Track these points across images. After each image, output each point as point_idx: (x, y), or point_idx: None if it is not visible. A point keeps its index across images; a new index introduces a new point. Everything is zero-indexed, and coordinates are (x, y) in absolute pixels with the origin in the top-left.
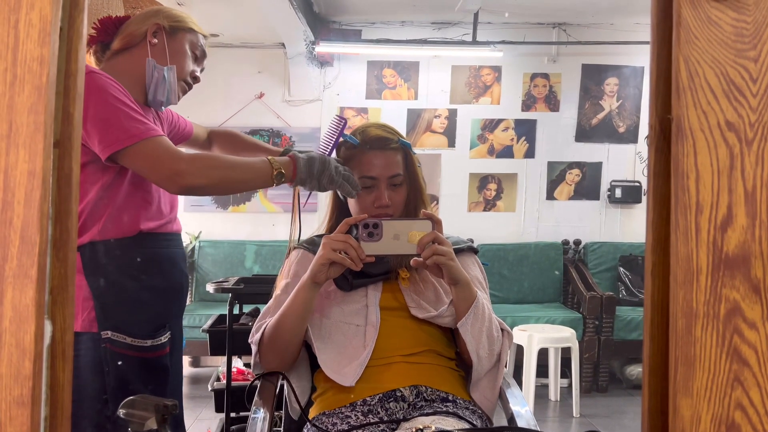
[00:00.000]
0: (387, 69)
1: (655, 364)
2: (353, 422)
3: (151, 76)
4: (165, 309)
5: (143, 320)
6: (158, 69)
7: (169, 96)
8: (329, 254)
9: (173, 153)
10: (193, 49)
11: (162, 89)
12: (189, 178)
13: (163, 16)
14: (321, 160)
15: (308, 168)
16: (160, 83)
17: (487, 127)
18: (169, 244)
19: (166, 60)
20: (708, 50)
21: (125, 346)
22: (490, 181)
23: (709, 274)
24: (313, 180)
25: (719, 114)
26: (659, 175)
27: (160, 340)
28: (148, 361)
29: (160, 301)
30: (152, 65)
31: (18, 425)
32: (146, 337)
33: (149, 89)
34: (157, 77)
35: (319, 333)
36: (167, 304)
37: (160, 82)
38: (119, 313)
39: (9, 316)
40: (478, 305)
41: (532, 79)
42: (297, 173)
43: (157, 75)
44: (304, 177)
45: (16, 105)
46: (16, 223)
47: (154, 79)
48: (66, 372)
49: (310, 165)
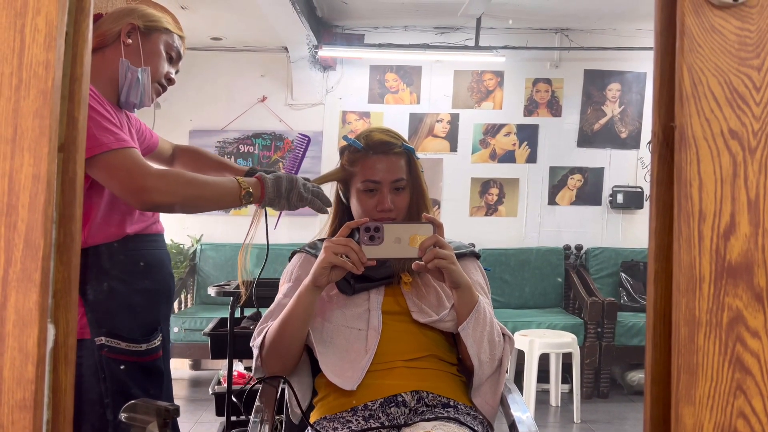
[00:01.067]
0: (389, 73)
1: (658, 372)
2: (354, 427)
3: (124, 77)
4: (156, 312)
5: (136, 324)
6: (132, 70)
7: (142, 98)
8: (330, 258)
9: (142, 167)
10: (169, 50)
11: (135, 91)
12: (156, 194)
13: (137, 15)
14: (288, 178)
15: (276, 188)
16: (134, 85)
17: (489, 132)
18: (155, 246)
19: (141, 61)
20: (711, 58)
21: (121, 352)
22: (492, 186)
23: (712, 283)
24: (282, 199)
25: (722, 122)
26: (662, 183)
27: (154, 343)
28: (144, 366)
29: (151, 304)
30: (126, 66)
31: (20, 429)
32: (141, 341)
33: (122, 91)
34: (130, 78)
35: (320, 337)
36: (158, 307)
37: (134, 83)
38: (112, 319)
39: (12, 320)
40: (479, 309)
41: (534, 84)
42: (265, 193)
43: (131, 76)
44: (272, 197)
45: (21, 109)
46: (20, 227)
47: (128, 81)
48: (68, 375)
49: (278, 184)
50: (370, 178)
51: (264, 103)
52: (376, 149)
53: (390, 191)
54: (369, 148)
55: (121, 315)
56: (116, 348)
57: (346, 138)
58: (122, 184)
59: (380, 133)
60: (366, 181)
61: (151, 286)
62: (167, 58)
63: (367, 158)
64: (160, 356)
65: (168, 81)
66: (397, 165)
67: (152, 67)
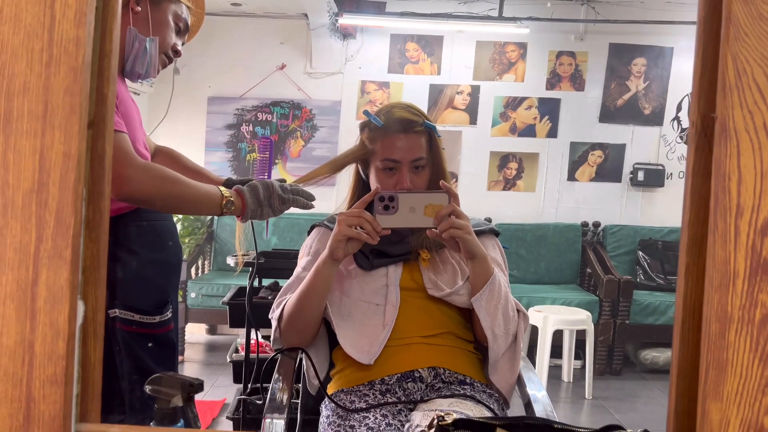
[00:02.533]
0: (410, 43)
1: (685, 367)
2: (371, 401)
3: (131, 46)
4: (167, 283)
5: (148, 296)
6: (140, 39)
7: (148, 69)
8: (345, 230)
9: (127, 155)
10: (177, 21)
11: (142, 61)
12: (135, 185)
13: None
14: (263, 185)
15: (254, 197)
16: (141, 54)
17: (510, 105)
18: (163, 216)
19: (149, 30)
20: (758, 48)
21: (134, 324)
22: (511, 160)
23: (746, 279)
24: (264, 207)
25: (766, 115)
26: (698, 175)
27: (166, 315)
28: (157, 338)
29: (162, 276)
30: (134, 34)
31: (51, 403)
32: (154, 313)
33: (128, 59)
34: (137, 48)
35: (338, 311)
36: (168, 279)
37: (141, 53)
38: (125, 291)
39: (43, 297)
40: (494, 281)
41: (557, 57)
42: (246, 205)
43: (138, 45)
44: (253, 207)
45: (52, 86)
46: (51, 205)
47: (134, 50)
48: (97, 351)
49: (255, 193)
50: (390, 157)
51: (283, 71)
52: (397, 127)
53: (410, 170)
54: (389, 125)
55: (134, 287)
56: (130, 320)
57: (366, 113)
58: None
59: (401, 110)
60: (385, 159)
61: (162, 258)
62: (175, 29)
63: (387, 136)
64: (172, 329)
65: (174, 53)
66: (418, 144)
67: (160, 38)
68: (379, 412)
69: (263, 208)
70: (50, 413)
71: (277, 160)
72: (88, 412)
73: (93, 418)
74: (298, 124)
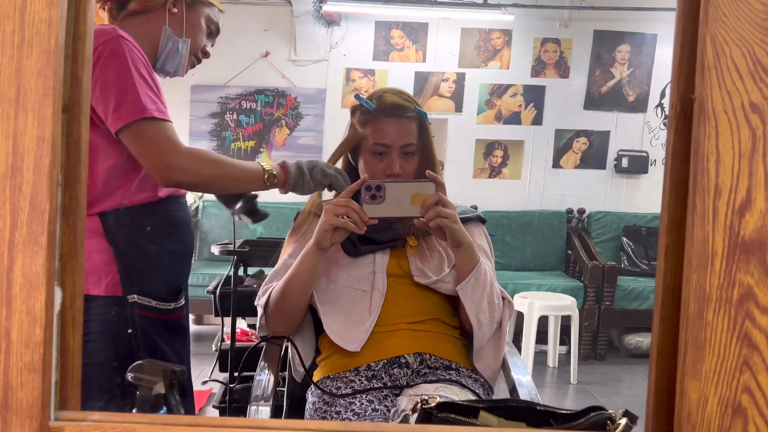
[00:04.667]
0: (395, 30)
1: (664, 346)
2: (357, 387)
3: (164, 45)
4: (182, 272)
5: (165, 283)
6: (173, 39)
7: (177, 68)
8: (331, 220)
9: (175, 143)
10: (209, 24)
11: (173, 60)
12: (180, 174)
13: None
14: (308, 161)
15: (297, 168)
16: (173, 54)
17: (495, 93)
18: (181, 208)
19: (182, 31)
20: (736, 28)
21: (151, 310)
22: (497, 148)
23: (724, 259)
24: (305, 177)
25: (744, 95)
26: (678, 156)
27: (181, 302)
28: (172, 324)
29: (178, 264)
30: (168, 34)
31: (29, 390)
32: (169, 300)
33: (160, 57)
34: (171, 47)
35: (325, 298)
36: (183, 267)
37: (173, 52)
38: (143, 277)
39: (19, 283)
40: (480, 270)
41: (542, 44)
42: (288, 176)
43: (172, 45)
44: (296, 176)
45: (24, 69)
46: (25, 190)
47: (167, 49)
48: (76, 338)
49: (299, 165)
50: (380, 141)
51: (267, 58)
52: (388, 112)
53: (399, 156)
54: (381, 110)
55: (152, 274)
56: (147, 306)
57: (358, 97)
58: (151, 156)
59: (393, 95)
60: (375, 144)
61: (179, 247)
62: (207, 31)
63: (378, 121)
64: (185, 315)
65: (204, 54)
66: (409, 129)
67: (192, 40)
68: (365, 397)
69: (305, 178)
70: (28, 401)
71: (262, 149)
72: (67, 399)
73: (73, 405)
74: (282, 113)
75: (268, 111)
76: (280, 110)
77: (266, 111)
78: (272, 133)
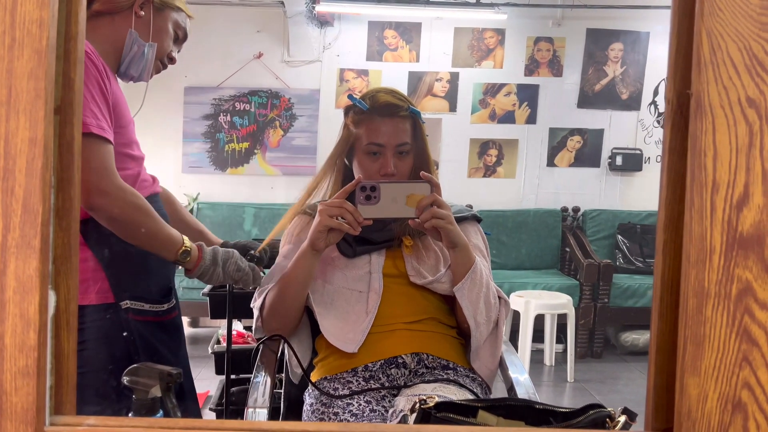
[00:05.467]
0: (388, 30)
1: (663, 342)
2: (355, 387)
3: (129, 48)
4: (168, 271)
5: (154, 285)
6: (139, 43)
7: (142, 73)
8: (326, 221)
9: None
10: (176, 29)
11: (138, 65)
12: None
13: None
14: (225, 251)
15: (212, 258)
16: (138, 58)
17: (489, 92)
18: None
19: (149, 36)
20: (732, 23)
21: (145, 313)
22: (491, 147)
23: (723, 254)
24: (217, 268)
25: (740, 90)
26: (675, 152)
27: (172, 302)
28: (166, 325)
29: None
30: (134, 38)
31: (23, 395)
32: (162, 301)
33: (124, 60)
34: (135, 51)
35: (321, 299)
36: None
37: (138, 56)
38: (132, 282)
39: (12, 287)
40: (476, 270)
41: (535, 42)
42: (201, 261)
43: (137, 49)
44: (207, 265)
45: (15, 70)
46: (18, 193)
47: (132, 53)
48: (71, 342)
49: (214, 255)
50: (374, 141)
51: (260, 59)
52: (382, 111)
53: (394, 155)
54: (374, 109)
55: (141, 277)
56: (141, 310)
57: (351, 97)
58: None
59: (386, 94)
60: (370, 143)
61: None
62: (174, 36)
63: (372, 120)
64: (178, 314)
65: (170, 60)
66: (402, 129)
67: (159, 44)
68: (362, 398)
69: (216, 269)
70: (23, 405)
71: (257, 150)
72: (62, 403)
73: (68, 410)
74: (276, 114)
75: (262, 112)
76: (273, 111)
77: (260, 112)
78: (266, 134)
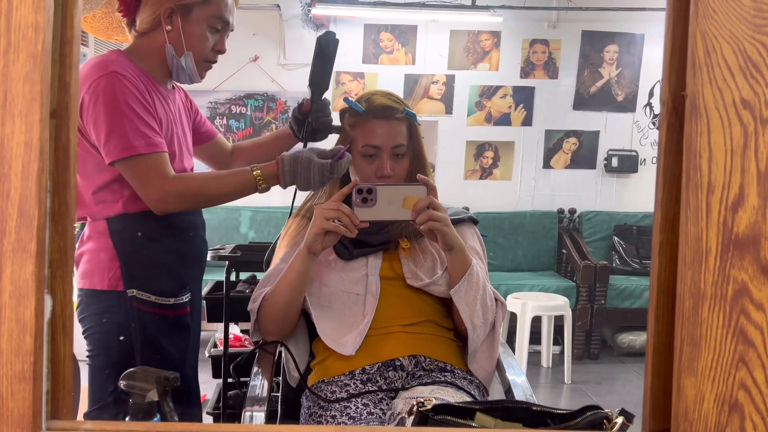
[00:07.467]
0: (384, 33)
1: (660, 343)
2: (352, 390)
3: (171, 62)
4: (186, 271)
5: (165, 280)
6: (175, 58)
7: (190, 79)
8: (322, 224)
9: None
10: (212, 24)
11: (183, 75)
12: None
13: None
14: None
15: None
16: (180, 69)
17: (485, 94)
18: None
19: (182, 47)
20: (726, 25)
21: (150, 304)
22: (487, 149)
23: (718, 255)
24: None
25: (735, 92)
26: (670, 153)
27: (181, 299)
28: (171, 319)
29: (181, 264)
30: (170, 53)
31: (20, 400)
32: (169, 295)
33: (171, 72)
34: (176, 65)
35: (318, 301)
36: (188, 268)
37: (179, 68)
38: (143, 273)
39: (9, 291)
40: (472, 272)
41: (531, 45)
42: (280, 166)
43: (176, 63)
44: (289, 169)
45: (10, 74)
46: (13, 197)
47: (174, 66)
48: (67, 346)
49: (294, 159)
50: (370, 143)
51: (256, 62)
52: (378, 114)
53: (390, 157)
54: (370, 112)
55: (152, 271)
56: (146, 300)
57: (347, 100)
58: (141, 190)
59: (382, 96)
60: (366, 146)
61: (183, 249)
62: (211, 31)
63: (368, 122)
64: (188, 312)
65: (217, 52)
66: (398, 131)
67: (195, 50)
68: (360, 401)
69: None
70: (19, 410)
71: None
72: (59, 408)
73: (65, 414)
74: (273, 117)
75: (258, 115)
76: (270, 114)
77: (256, 115)
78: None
